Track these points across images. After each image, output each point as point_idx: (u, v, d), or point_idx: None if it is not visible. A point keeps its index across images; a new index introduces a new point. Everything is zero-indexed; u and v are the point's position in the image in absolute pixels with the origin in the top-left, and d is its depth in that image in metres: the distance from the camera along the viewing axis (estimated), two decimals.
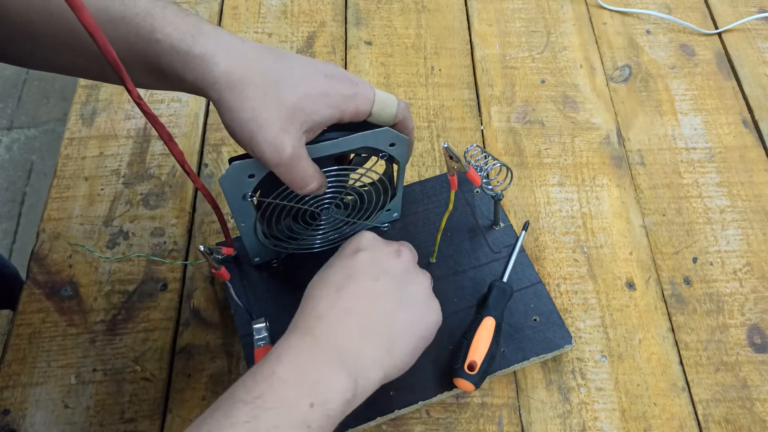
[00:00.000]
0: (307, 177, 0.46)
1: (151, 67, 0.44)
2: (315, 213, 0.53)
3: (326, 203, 0.53)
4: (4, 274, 0.79)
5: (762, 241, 0.64)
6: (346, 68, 0.76)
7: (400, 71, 0.76)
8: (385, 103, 0.47)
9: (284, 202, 0.50)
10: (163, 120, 0.72)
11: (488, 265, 0.60)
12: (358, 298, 0.45)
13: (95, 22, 0.35)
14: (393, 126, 0.49)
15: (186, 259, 0.62)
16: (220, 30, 0.44)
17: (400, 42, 0.79)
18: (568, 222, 0.65)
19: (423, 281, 0.49)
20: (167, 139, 0.43)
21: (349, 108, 0.45)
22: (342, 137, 0.47)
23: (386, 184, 0.56)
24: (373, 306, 0.46)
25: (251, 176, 0.47)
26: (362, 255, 0.48)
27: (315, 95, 0.44)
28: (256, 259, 0.58)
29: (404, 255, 0.49)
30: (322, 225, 0.56)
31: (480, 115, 0.73)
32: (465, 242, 0.62)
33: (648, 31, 0.80)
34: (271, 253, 0.58)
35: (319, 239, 0.58)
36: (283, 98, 0.43)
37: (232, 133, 0.44)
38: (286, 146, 0.43)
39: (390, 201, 0.58)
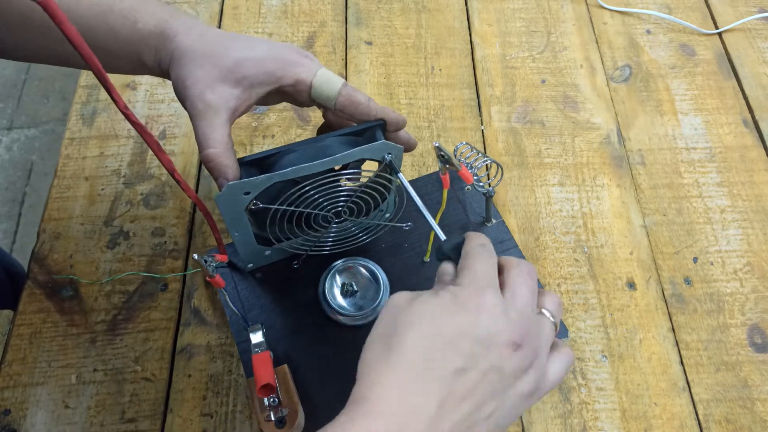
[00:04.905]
0: (210, 137, 0.46)
1: (133, 55, 0.49)
2: (321, 217, 0.53)
3: (329, 206, 0.53)
4: (11, 272, 0.79)
5: (762, 241, 0.64)
6: (346, 68, 0.76)
7: (400, 71, 0.76)
8: (328, 78, 0.48)
9: (284, 207, 0.50)
10: (163, 120, 0.72)
11: None
12: (466, 401, 0.35)
13: (79, 35, 0.35)
14: (337, 103, 0.49)
15: (186, 260, 0.62)
16: (194, 18, 0.49)
17: (401, 42, 0.79)
18: (568, 222, 0.65)
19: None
20: (156, 149, 0.43)
21: (288, 74, 0.47)
22: (340, 154, 0.47)
23: (383, 186, 0.56)
24: (483, 408, 0.36)
25: (247, 193, 0.47)
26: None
27: (252, 60, 0.47)
28: (250, 265, 0.58)
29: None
30: (322, 228, 0.56)
31: (480, 115, 0.73)
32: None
33: (648, 31, 0.80)
34: (264, 260, 0.58)
35: (330, 240, 0.58)
36: (219, 64, 0.46)
37: (178, 96, 0.48)
38: (203, 99, 0.46)
39: (383, 202, 0.58)
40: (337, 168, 0.52)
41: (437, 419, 0.34)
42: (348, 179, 0.53)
